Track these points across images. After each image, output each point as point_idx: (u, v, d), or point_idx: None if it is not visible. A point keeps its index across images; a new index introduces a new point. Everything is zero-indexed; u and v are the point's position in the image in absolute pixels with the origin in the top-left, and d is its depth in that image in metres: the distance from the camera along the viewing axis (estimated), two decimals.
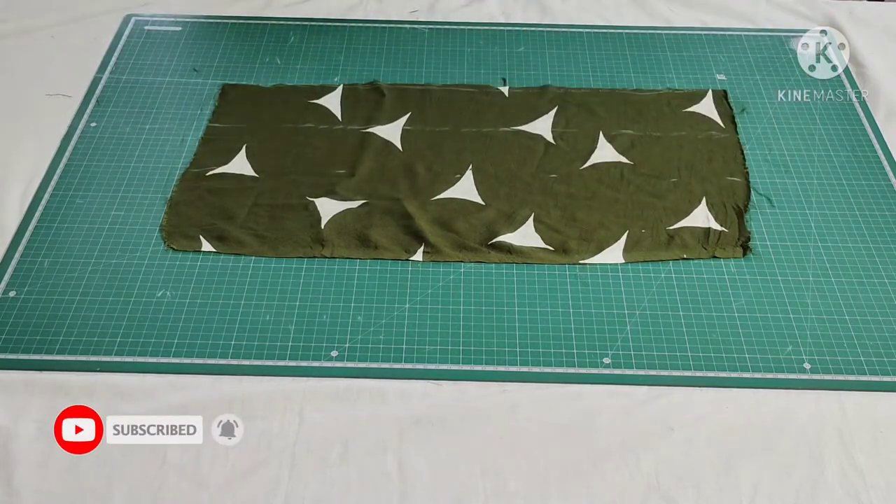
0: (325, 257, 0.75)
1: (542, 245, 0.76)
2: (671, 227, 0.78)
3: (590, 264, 0.75)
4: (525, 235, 0.77)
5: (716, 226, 0.78)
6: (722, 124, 0.89)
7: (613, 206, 0.80)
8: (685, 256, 0.75)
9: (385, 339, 0.69)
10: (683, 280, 0.74)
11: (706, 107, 0.92)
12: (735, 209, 0.80)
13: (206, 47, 0.98)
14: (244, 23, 1.03)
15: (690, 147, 0.87)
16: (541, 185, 0.82)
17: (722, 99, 0.92)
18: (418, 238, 0.76)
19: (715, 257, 0.75)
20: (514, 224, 0.78)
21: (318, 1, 1.06)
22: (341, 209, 0.79)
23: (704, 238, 0.77)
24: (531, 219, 0.78)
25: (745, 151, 0.86)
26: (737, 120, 0.90)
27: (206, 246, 0.75)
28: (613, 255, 0.76)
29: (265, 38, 1.00)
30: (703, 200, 0.80)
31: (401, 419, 0.64)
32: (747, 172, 0.83)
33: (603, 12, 1.06)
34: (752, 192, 0.81)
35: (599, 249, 0.76)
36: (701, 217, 0.79)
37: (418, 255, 0.75)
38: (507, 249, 0.75)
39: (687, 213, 0.79)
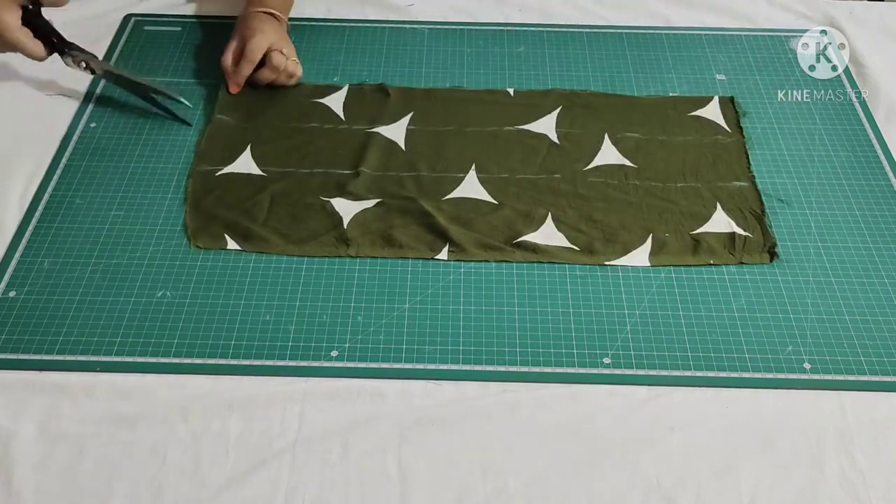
0: (351, 257, 0.75)
1: (567, 244, 0.76)
2: (694, 232, 0.77)
3: (618, 266, 0.74)
4: (548, 235, 0.76)
5: (740, 231, 0.77)
6: (728, 129, 0.89)
7: (629, 209, 0.79)
8: (713, 262, 0.74)
9: (385, 339, 0.69)
10: (683, 280, 0.73)
11: (712, 111, 0.91)
12: (753, 214, 0.79)
13: (206, 47, 0.98)
14: None
15: (696, 151, 0.86)
16: (547, 186, 0.82)
17: (729, 104, 0.92)
18: (443, 237, 0.76)
19: (742, 263, 0.75)
20: (533, 224, 0.77)
21: (318, 1, 1.06)
22: (360, 209, 0.79)
23: (730, 243, 0.76)
24: (549, 218, 0.78)
25: (749, 155, 0.86)
26: (742, 124, 0.89)
27: (232, 244, 0.75)
28: (640, 258, 0.75)
29: None
30: (718, 206, 0.80)
31: (401, 419, 0.64)
32: (753, 177, 0.83)
33: (603, 12, 1.06)
34: (762, 195, 0.81)
35: (625, 251, 0.75)
36: (723, 222, 0.78)
37: (443, 254, 0.75)
38: (533, 249, 0.75)
39: (706, 218, 0.78)
